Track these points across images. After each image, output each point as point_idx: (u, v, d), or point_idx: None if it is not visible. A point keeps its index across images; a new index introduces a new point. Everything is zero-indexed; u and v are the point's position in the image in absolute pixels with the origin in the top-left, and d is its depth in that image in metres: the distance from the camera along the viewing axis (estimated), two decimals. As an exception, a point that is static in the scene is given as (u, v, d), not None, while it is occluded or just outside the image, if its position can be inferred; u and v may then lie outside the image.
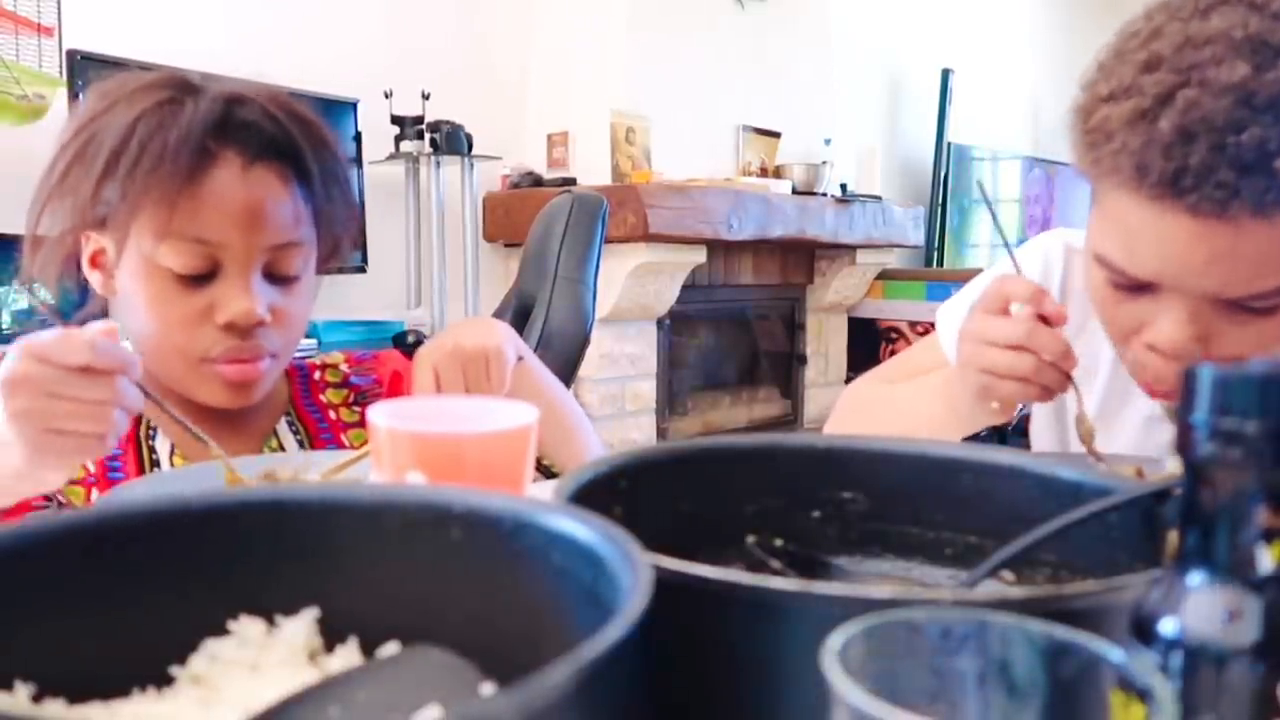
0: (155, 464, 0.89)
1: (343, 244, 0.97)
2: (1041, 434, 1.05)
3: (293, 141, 0.87)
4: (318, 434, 0.97)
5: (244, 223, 0.83)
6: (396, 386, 1.03)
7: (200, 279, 0.84)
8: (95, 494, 0.85)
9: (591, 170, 3.27)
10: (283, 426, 0.96)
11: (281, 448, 0.95)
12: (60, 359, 0.63)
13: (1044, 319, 0.76)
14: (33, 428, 0.64)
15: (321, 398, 1.00)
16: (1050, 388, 0.77)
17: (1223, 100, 0.67)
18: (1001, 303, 0.78)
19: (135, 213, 0.82)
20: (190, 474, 0.76)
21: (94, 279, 0.89)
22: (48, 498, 0.82)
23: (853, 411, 1.08)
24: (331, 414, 0.99)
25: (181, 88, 0.85)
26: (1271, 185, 0.67)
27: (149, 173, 0.81)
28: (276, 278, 0.87)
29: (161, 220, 0.82)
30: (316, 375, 1.02)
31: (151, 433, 0.90)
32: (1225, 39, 0.69)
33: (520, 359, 0.93)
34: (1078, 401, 0.78)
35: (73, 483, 0.85)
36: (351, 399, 1.01)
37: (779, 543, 0.53)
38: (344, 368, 1.04)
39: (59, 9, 2.23)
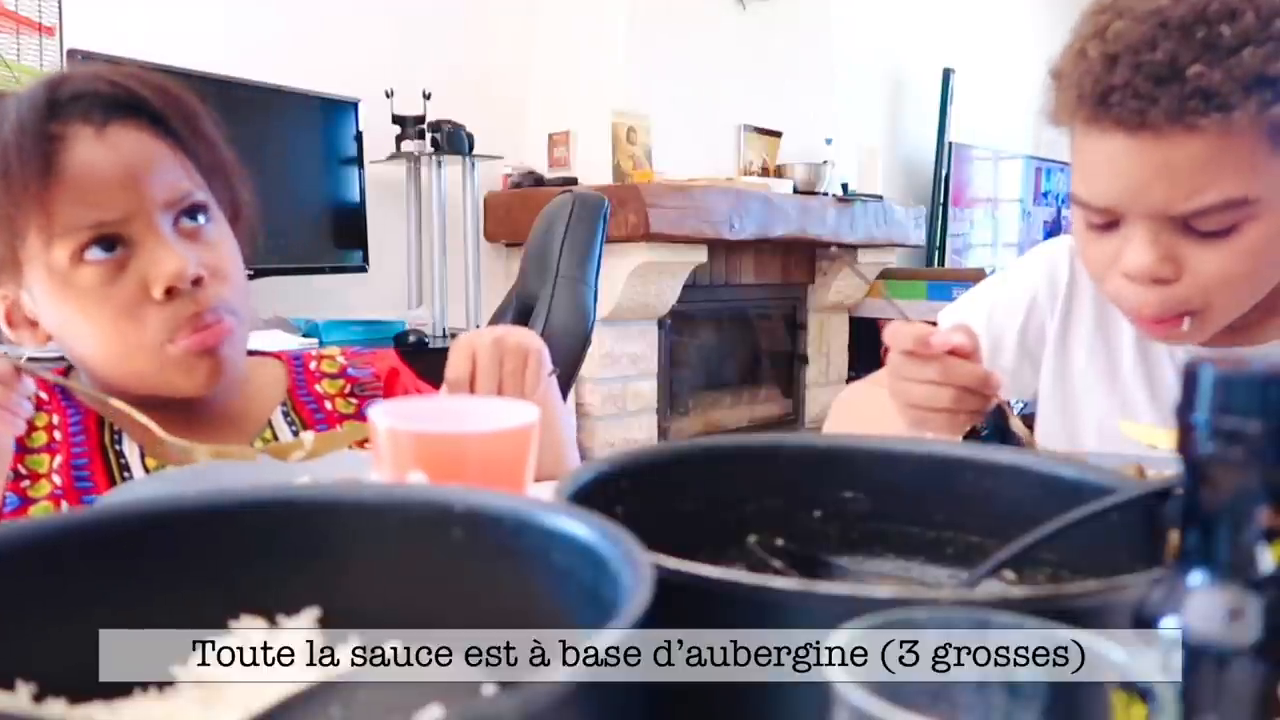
0: (125, 469, 0.85)
1: (241, 202, 0.93)
2: (1049, 436, 1.05)
3: (136, 96, 0.83)
4: (313, 424, 0.95)
5: (126, 184, 0.79)
6: (393, 383, 1.02)
7: (114, 252, 0.79)
8: (65, 506, 0.81)
9: (592, 170, 3.26)
10: (278, 418, 0.94)
11: (276, 439, 0.92)
12: None
13: (957, 352, 0.79)
14: None
15: (317, 388, 0.99)
16: (976, 411, 0.81)
17: (1141, 25, 0.77)
18: (912, 342, 0.80)
19: (12, 235, 0.79)
20: (190, 475, 0.76)
21: (21, 338, 0.86)
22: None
23: (846, 414, 1.09)
24: (328, 404, 0.98)
25: None
26: (1184, 94, 0.75)
27: (2, 183, 0.77)
28: (191, 237, 0.83)
29: (42, 224, 0.77)
30: (313, 365, 1.01)
31: (116, 438, 0.86)
32: None
33: (553, 372, 0.91)
34: (1010, 416, 0.83)
35: (40, 499, 0.82)
36: (348, 390, 1.00)
37: (780, 542, 0.53)
38: (340, 359, 1.03)
39: (60, 9, 2.23)
